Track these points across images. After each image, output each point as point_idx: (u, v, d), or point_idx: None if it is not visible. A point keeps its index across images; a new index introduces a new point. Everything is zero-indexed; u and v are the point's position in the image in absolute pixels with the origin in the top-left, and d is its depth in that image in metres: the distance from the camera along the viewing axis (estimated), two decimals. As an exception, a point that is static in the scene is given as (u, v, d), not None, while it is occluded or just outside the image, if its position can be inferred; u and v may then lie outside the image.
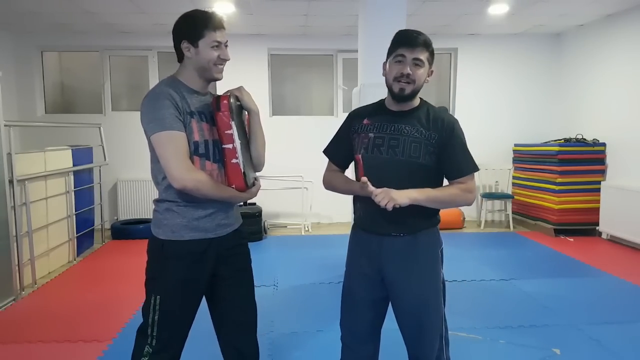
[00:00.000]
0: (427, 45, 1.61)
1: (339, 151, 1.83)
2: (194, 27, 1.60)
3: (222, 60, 1.65)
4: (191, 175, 1.54)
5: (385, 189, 1.54)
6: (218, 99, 1.62)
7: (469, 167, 1.66)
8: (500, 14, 5.16)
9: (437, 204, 1.63)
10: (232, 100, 1.63)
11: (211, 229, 1.66)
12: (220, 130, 1.62)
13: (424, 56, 1.60)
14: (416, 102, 1.71)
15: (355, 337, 1.78)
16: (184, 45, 1.62)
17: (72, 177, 4.58)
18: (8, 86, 5.47)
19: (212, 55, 1.61)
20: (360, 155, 1.70)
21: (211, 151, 1.64)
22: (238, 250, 1.78)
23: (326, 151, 1.87)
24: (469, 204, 1.69)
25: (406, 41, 1.60)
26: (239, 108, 1.72)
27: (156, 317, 1.63)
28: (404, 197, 1.53)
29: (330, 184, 1.83)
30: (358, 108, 1.84)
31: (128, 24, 5.44)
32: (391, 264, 1.67)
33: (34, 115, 5.92)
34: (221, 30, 1.62)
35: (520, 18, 5.36)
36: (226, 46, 1.66)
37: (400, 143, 1.63)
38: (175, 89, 1.61)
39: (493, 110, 6.30)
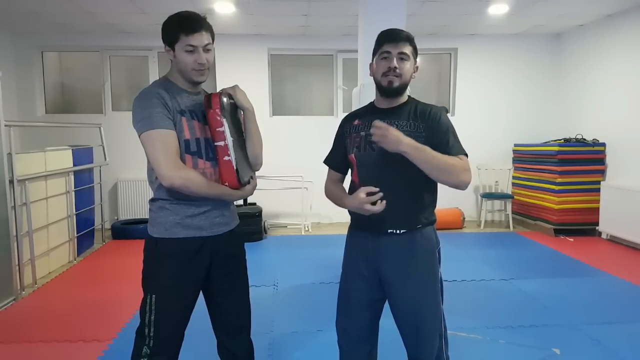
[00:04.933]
0: (409, 40, 1.66)
1: (336, 158, 1.86)
2: (170, 30, 1.60)
3: (200, 65, 1.60)
4: (179, 173, 1.53)
5: (388, 126, 1.51)
6: (209, 96, 1.62)
7: (458, 148, 1.65)
8: (500, 14, 5.16)
9: (430, 165, 1.54)
10: (224, 98, 1.63)
11: (206, 227, 1.66)
12: (212, 128, 1.62)
13: (408, 50, 1.65)
14: (404, 98, 1.73)
15: (352, 339, 1.78)
16: (165, 48, 1.63)
17: (72, 177, 4.58)
18: (8, 86, 5.46)
19: (188, 60, 1.59)
20: (353, 155, 1.72)
21: (203, 149, 1.64)
22: (233, 252, 1.77)
23: (326, 160, 1.90)
24: (464, 185, 1.59)
25: (389, 38, 1.65)
26: (233, 106, 1.71)
27: (152, 317, 1.63)
28: (399, 138, 1.50)
29: (328, 195, 1.84)
30: (349, 113, 1.87)
31: (128, 24, 5.45)
32: (387, 263, 1.67)
33: (34, 115, 5.93)
34: (198, 33, 1.57)
35: (520, 18, 5.36)
36: (207, 50, 1.61)
37: None
38: (166, 88, 1.62)
39: (493, 110, 6.30)
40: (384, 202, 1.55)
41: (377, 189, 1.55)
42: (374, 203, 1.55)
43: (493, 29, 5.86)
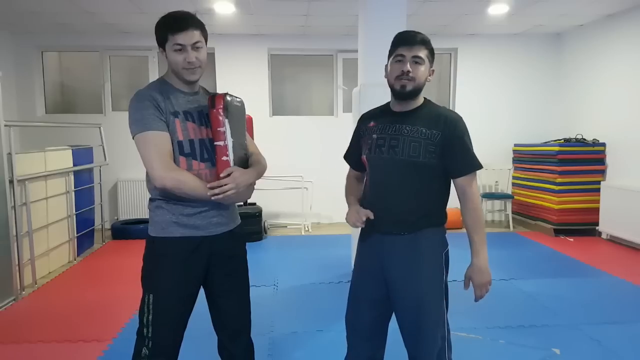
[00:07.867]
0: (425, 43, 1.64)
1: (352, 155, 1.91)
2: (159, 31, 1.60)
3: (189, 64, 1.59)
4: (170, 174, 1.54)
5: (477, 283, 1.73)
6: (214, 96, 1.62)
7: (473, 164, 1.67)
8: (500, 14, 5.16)
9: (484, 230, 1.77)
10: (228, 98, 1.63)
11: (202, 227, 1.65)
12: (213, 127, 1.62)
13: (423, 54, 1.63)
14: (419, 101, 1.73)
15: (358, 334, 1.80)
16: (159, 49, 1.63)
17: (72, 177, 4.58)
18: (8, 86, 5.47)
19: (177, 59, 1.58)
20: (365, 157, 1.75)
21: (198, 150, 1.63)
22: (233, 253, 1.76)
23: (344, 156, 1.96)
24: None
25: (404, 41, 1.64)
26: (239, 109, 1.70)
27: (150, 317, 1.63)
28: (488, 272, 1.75)
29: (345, 190, 1.92)
30: (366, 112, 1.88)
31: (128, 24, 5.45)
32: (392, 263, 1.68)
33: (34, 115, 5.92)
34: (184, 32, 1.55)
35: (520, 18, 5.36)
36: (197, 48, 1.59)
37: (399, 143, 1.65)
38: (161, 89, 1.62)
39: (493, 110, 6.30)
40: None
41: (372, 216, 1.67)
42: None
43: (493, 29, 5.86)
